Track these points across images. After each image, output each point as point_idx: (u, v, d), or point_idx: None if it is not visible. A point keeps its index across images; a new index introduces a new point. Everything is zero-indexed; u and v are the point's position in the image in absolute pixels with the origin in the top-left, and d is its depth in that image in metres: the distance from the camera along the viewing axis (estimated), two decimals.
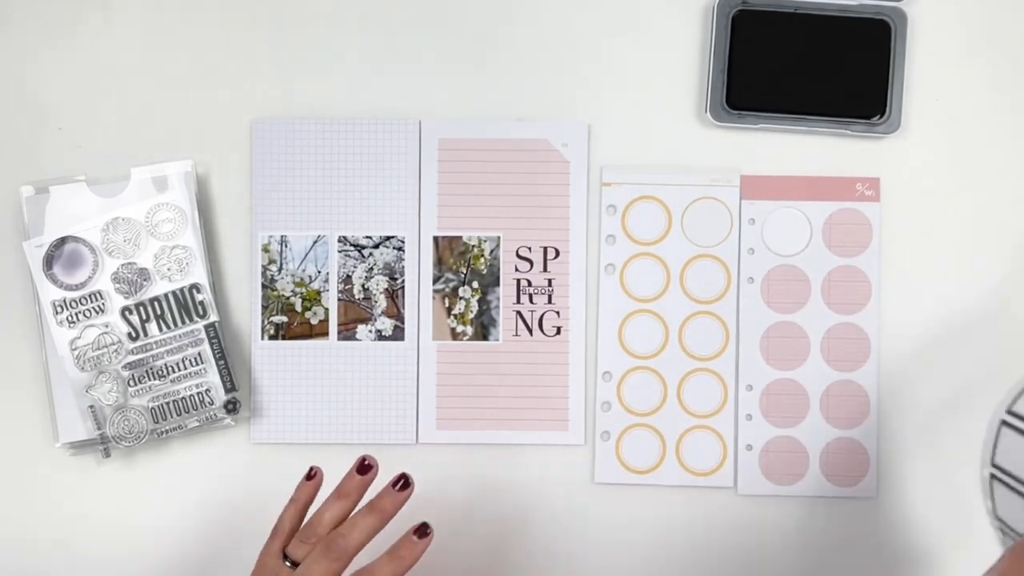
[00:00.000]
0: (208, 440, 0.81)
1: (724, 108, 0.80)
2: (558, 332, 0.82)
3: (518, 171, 0.82)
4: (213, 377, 0.79)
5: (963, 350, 0.82)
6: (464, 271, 0.82)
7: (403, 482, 0.68)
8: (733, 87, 0.80)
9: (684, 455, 0.81)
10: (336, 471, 0.81)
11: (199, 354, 0.79)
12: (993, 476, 0.63)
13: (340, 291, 0.81)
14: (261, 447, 0.81)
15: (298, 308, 0.81)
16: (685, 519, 0.82)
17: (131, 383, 0.79)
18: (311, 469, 0.71)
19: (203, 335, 0.79)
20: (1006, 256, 0.82)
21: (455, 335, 0.82)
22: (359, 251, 0.82)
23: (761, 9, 0.80)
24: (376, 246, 0.82)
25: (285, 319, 0.81)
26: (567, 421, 0.81)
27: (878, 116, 0.81)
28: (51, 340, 0.79)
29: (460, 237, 0.82)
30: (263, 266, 0.81)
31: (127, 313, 0.79)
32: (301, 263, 0.81)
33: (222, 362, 0.79)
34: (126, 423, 0.79)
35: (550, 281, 0.82)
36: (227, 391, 0.79)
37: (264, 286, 0.81)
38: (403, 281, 0.81)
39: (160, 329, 0.79)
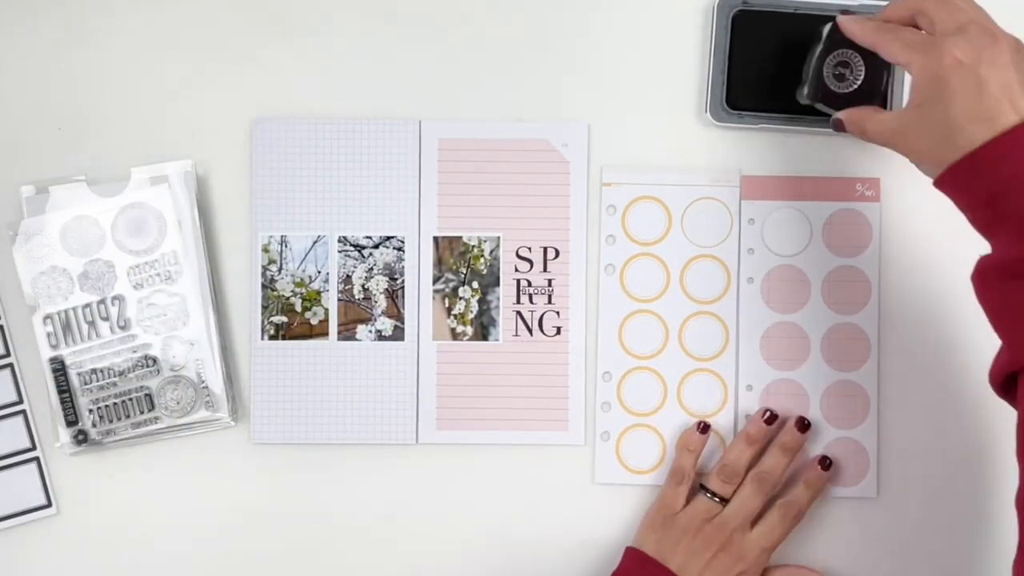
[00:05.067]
0: (208, 440, 0.81)
1: (724, 108, 0.80)
2: (558, 332, 0.82)
3: (518, 171, 0.82)
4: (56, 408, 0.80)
5: (963, 350, 0.82)
6: (464, 271, 0.82)
7: (803, 423, 0.79)
8: (733, 87, 0.80)
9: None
10: (336, 471, 0.81)
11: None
12: None
13: (340, 291, 0.81)
14: (261, 447, 0.81)
15: (298, 308, 0.81)
16: None
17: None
18: (700, 423, 0.80)
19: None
20: None
21: (455, 335, 0.81)
22: (359, 251, 0.82)
23: (761, 9, 0.80)
24: (376, 246, 0.82)
25: (285, 319, 0.81)
26: (567, 421, 0.81)
27: None
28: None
29: (460, 237, 0.82)
30: (263, 266, 0.81)
31: None
32: (301, 263, 0.81)
33: (65, 394, 0.79)
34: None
35: (550, 281, 0.82)
36: (68, 424, 0.79)
37: (264, 286, 0.81)
38: (403, 281, 0.81)
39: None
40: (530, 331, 0.82)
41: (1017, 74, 0.62)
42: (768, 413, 0.79)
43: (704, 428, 0.80)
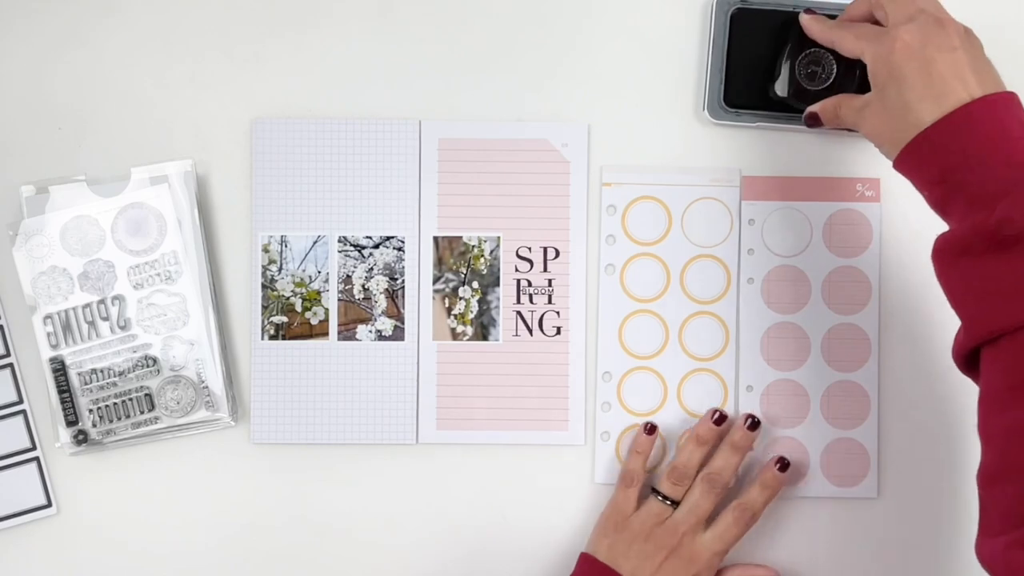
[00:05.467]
0: (208, 440, 0.81)
1: (722, 106, 0.80)
2: (558, 332, 0.82)
3: (518, 171, 0.82)
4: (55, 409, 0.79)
5: None
6: (464, 271, 0.82)
7: (752, 421, 0.79)
8: (731, 85, 0.80)
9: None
10: (336, 471, 0.81)
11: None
12: None
13: (340, 291, 0.81)
14: (261, 447, 0.81)
15: (298, 308, 0.81)
16: None
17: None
18: (647, 424, 0.80)
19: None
20: None
21: (455, 335, 0.81)
22: (359, 251, 0.82)
23: (759, 8, 0.80)
24: (376, 246, 0.82)
25: (285, 319, 0.81)
26: (567, 421, 0.81)
27: None
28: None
29: (460, 237, 0.82)
30: (263, 266, 0.81)
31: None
32: (301, 263, 0.81)
33: (65, 394, 0.79)
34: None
35: (550, 281, 0.82)
36: (68, 424, 0.79)
37: (264, 286, 0.81)
38: (403, 281, 0.81)
39: None
40: (530, 331, 0.82)
41: (967, 56, 0.65)
42: (718, 414, 0.79)
43: (651, 429, 0.80)
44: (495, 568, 0.81)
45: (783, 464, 0.78)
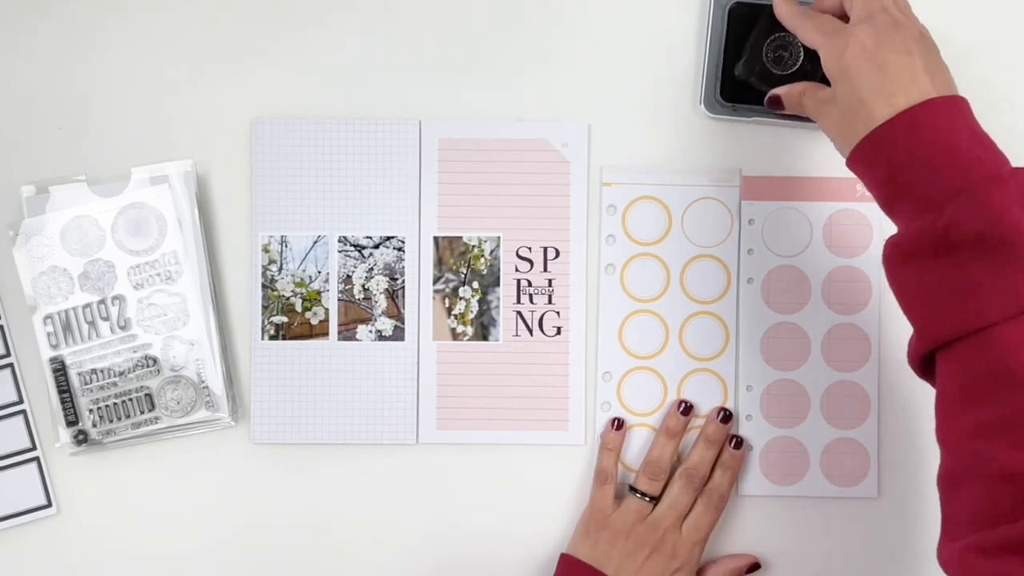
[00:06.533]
0: (208, 440, 0.81)
1: (718, 101, 0.80)
2: (558, 332, 0.82)
3: (518, 171, 0.82)
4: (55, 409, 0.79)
5: None
6: (464, 271, 0.82)
7: (724, 414, 0.80)
8: (727, 80, 0.80)
9: (684, 456, 0.81)
10: (336, 471, 0.81)
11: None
12: None
13: (340, 291, 0.81)
14: (261, 447, 0.81)
15: (298, 308, 0.81)
16: None
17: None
18: (616, 420, 0.80)
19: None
20: None
21: (455, 335, 0.82)
22: (359, 251, 0.82)
23: (757, 3, 0.80)
24: (376, 246, 0.82)
25: (285, 319, 0.81)
26: (567, 421, 0.81)
27: None
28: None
29: (460, 237, 0.82)
30: (263, 266, 0.81)
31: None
32: (301, 263, 0.81)
33: (65, 394, 0.79)
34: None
35: (550, 281, 0.82)
36: (69, 424, 0.79)
37: (264, 286, 0.81)
38: (403, 281, 0.82)
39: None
40: (530, 331, 0.82)
41: (920, 59, 0.65)
42: (683, 404, 0.80)
43: (619, 425, 0.80)
44: (495, 568, 0.81)
45: (736, 442, 0.80)
